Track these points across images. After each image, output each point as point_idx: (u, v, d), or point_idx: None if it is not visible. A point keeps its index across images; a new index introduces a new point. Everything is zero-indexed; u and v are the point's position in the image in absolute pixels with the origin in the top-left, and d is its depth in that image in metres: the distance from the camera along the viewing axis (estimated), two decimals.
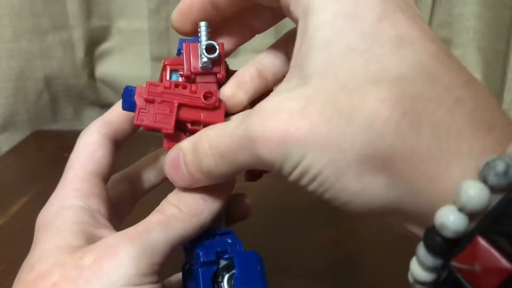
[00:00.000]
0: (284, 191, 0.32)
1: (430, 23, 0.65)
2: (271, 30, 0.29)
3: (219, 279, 0.24)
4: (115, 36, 0.70)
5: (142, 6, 0.66)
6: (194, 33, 0.27)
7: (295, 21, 0.21)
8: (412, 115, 0.17)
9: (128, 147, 0.29)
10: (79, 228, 0.23)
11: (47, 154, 0.63)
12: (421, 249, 0.17)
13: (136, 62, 0.69)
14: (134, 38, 0.69)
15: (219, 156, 0.21)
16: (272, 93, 0.21)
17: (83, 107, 0.73)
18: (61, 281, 0.21)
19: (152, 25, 0.65)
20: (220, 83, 0.26)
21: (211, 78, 0.26)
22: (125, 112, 0.25)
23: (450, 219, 0.16)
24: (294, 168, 0.19)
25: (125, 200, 0.29)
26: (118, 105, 0.27)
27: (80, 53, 0.68)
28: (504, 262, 0.15)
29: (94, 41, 0.69)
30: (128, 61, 0.70)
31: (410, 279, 0.19)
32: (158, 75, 0.29)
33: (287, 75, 0.21)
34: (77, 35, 0.67)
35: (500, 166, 0.15)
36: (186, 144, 0.23)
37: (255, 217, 0.29)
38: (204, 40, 0.26)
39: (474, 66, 0.68)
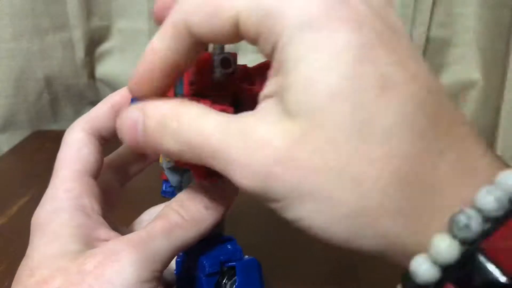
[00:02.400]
0: None
1: (430, 23, 0.65)
2: None
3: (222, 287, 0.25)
4: (115, 36, 0.70)
5: (142, 7, 0.66)
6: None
7: (266, 53, 0.19)
8: (399, 175, 0.17)
9: None
10: (77, 232, 0.23)
11: (47, 154, 0.62)
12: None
13: (136, 62, 0.68)
14: (134, 38, 0.69)
15: (184, 145, 0.19)
16: (257, 112, 0.19)
17: (83, 107, 0.73)
18: (64, 286, 0.21)
19: (152, 25, 0.65)
20: (235, 98, 0.24)
21: (224, 93, 0.24)
22: (109, 108, 0.25)
23: (421, 268, 0.17)
24: (272, 202, 0.18)
25: (112, 190, 0.29)
26: (103, 102, 0.27)
27: (80, 53, 0.68)
28: None
29: (94, 41, 0.69)
30: (128, 61, 0.70)
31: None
32: None
33: (267, 93, 0.19)
34: (77, 35, 0.67)
35: (462, 221, 0.16)
36: (153, 111, 0.21)
37: (255, 220, 0.29)
38: (217, 53, 0.23)
39: (474, 66, 0.68)
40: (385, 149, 0.17)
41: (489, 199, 0.16)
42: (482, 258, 0.16)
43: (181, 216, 0.23)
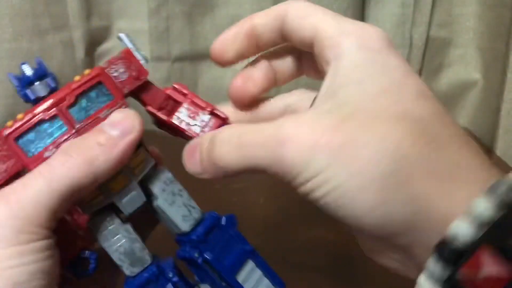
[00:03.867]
0: (283, 191, 0.32)
1: (430, 23, 0.65)
2: None
3: None
4: (115, 36, 0.70)
5: (142, 7, 0.66)
6: (234, 63, 0.27)
7: (325, 63, 0.24)
8: (431, 146, 0.20)
9: None
10: None
11: None
12: (431, 261, 0.19)
13: None
14: (134, 38, 0.69)
15: (236, 146, 0.23)
16: (307, 109, 0.23)
17: None
18: None
19: (152, 25, 0.65)
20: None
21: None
22: None
23: (462, 229, 0.18)
24: (313, 176, 0.20)
25: None
26: None
27: (80, 53, 0.68)
28: (502, 270, 0.17)
29: (95, 41, 0.69)
30: None
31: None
32: (158, 75, 0.29)
33: (318, 101, 0.23)
34: (78, 35, 0.67)
35: (503, 186, 0.18)
36: (208, 134, 0.25)
37: (254, 216, 0.29)
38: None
39: (474, 66, 0.68)
40: (419, 126, 0.20)
41: None
42: None
43: (68, 155, 0.22)
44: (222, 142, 0.23)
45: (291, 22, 0.25)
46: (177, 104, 0.28)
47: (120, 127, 0.23)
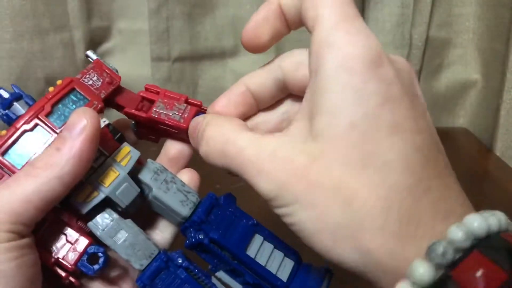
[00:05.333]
0: None
1: (430, 23, 0.65)
2: None
3: None
4: (116, 36, 0.71)
5: (142, 7, 0.66)
6: (269, 47, 0.26)
7: (310, 65, 0.23)
8: (385, 201, 0.20)
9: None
10: None
11: None
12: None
13: (136, 62, 0.69)
14: (134, 38, 0.69)
15: (219, 152, 0.24)
16: (287, 134, 0.23)
17: None
18: None
19: (152, 25, 0.66)
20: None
21: None
22: None
23: None
24: (281, 206, 0.22)
25: None
26: None
27: (80, 53, 0.68)
28: None
29: (95, 41, 0.69)
30: (128, 62, 0.70)
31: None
32: (158, 75, 0.30)
33: (298, 118, 0.23)
34: (78, 36, 0.67)
35: (439, 249, 0.19)
36: (209, 119, 0.26)
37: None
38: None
39: (474, 66, 0.68)
40: (379, 176, 0.20)
41: (458, 233, 0.19)
42: (451, 285, 0.19)
43: (30, 165, 0.23)
44: (208, 141, 0.25)
45: (289, 75, 0.26)
46: (152, 102, 0.29)
47: (72, 126, 0.24)
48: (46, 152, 0.23)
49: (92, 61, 0.29)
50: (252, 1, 0.66)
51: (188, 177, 0.29)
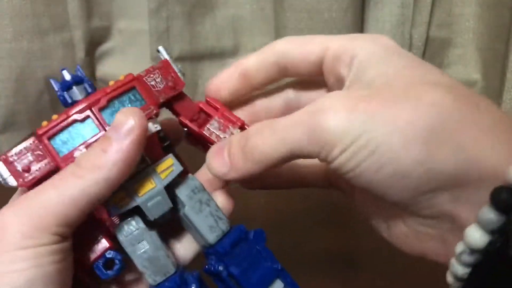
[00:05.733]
0: (284, 192, 0.32)
1: (430, 23, 0.65)
2: (271, 31, 0.30)
3: None
4: (116, 36, 0.70)
5: (142, 7, 0.66)
6: (228, 101, 0.28)
7: (342, 67, 0.25)
8: (471, 105, 0.21)
9: None
10: None
11: None
12: (484, 211, 0.19)
13: (136, 62, 0.69)
14: (134, 38, 0.69)
15: (271, 133, 0.23)
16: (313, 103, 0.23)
17: None
18: None
19: (152, 25, 0.66)
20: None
21: None
22: None
23: None
24: (352, 142, 0.20)
25: None
26: None
27: (80, 53, 0.68)
28: None
29: (95, 41, 0.69)
30: (128, 62, 0.70)
31: (460, 248, 0.20)
32: None
33: (344, 89, 0.24)
34: (78, 36, 0.67)
35: None
36: (236, 135, 0.25)
37: (255, 217, 0.29)
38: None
39: (474, 66, 0.68)
40: (454, 92, 0.21)
41: None
42: None
43: (75, 165, 0.23)
44: (256, 134, 0.23)
45: (293, 53, 0.26)
46: (209, 117, 0.28)
47: (119, 127, 0.23)
48: (92, 153, 0.23)
49: (162, 59, 0.29)
50: (252, 1, 0.66)
51: (223, 199, 0.27)
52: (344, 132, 0.21)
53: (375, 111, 0.20)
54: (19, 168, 0.24)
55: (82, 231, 0.24)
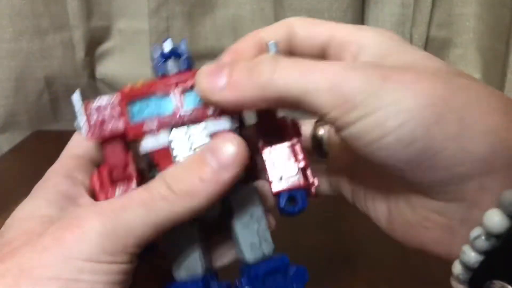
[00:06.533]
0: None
1: (430, 23, 0.65)
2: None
3: None
4: (116, 36, 0.70)
5: (142, 6, 0.66)
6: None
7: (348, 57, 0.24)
8: (496, 93, 0.21)
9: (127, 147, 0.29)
10: (55, 197, 0.22)
11: (47, 154, 0.62)
12: (506, 194, 0.18)
13: (136, 62, 0.69)
14: (134, 38, 0.69)
15: (298, 68, 0.20)
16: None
17: None
18: (22, 246, 0.20)
19: (152, 25, 0.65)
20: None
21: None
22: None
23: None
24: (379, 108, 0.19)
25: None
26: None
27: (80, 53, 0.68)
28: None
29: (95, 41, 0.69)
30: (128, 61, 0.70)
31: (476, 233, 0.19)
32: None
33: None
34: (78, 35, 0.67)
35: None
36: (239, 64, 0.22)
37: None
38: None
39: (474, 66, 0.68)
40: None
41: None
42: None
43: (167, 187, 0.21)
44: (285, 60, 0.21)
45: (301, 32, 0.25)
46: (281, 138, 0.25)
47: (222, 158, 0.21)
48: (188, 178, 0.21)
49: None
50: (252, 1, 0.66)
51: (271, 219, 0.26)
52: (372, 94, 0.19)
53: (409, 82, 0.19)
54: (94, 121, 0.23)
55: None
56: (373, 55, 0.23)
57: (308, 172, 0.24)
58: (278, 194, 0.24)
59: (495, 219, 0.19)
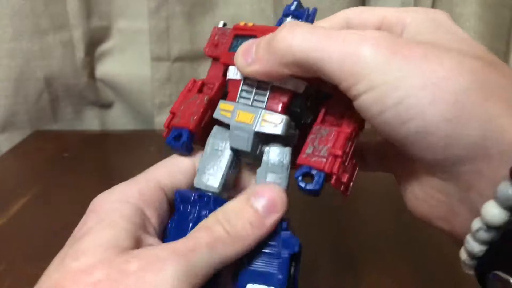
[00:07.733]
0: None
1: None
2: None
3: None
4: (115, 36, 0.70)
5: (142, 6, 0.66)
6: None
7: None
8: (507, 80, 0.20)
9: (127, 147, 0.29)
10: (132, 229, 0.23)
11: (47, 154, 0.63)
12: (503, 186, 0.18)
13: (136, 62, 0.69)
14: (134, 38, 0.69)
15: (312, 36, 0.21)
16: None
17: (83, 107, 0.73)
18: (105, 281, 0.20)
19: (152, 25, 0.65)
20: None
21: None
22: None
23: None
24: (383, 83, 0.20)
25: (165, 212, 0.27)
26: None
27: (80, 53, 0.68)
28: None
29: (94, 41, 0.69)
30: (128, 61, 0.70)
31: (477, 225, 0.20)
32: (158, 75, 0.30)
33: None
34: (77, 35, 0.67)
35: None
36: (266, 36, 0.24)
37: None
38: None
39: None
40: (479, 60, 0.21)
41: None
42: None
43: (225, 230, 0.22)
44: (302, 28, 0.22)
45: (355, 20, 0.27)
46: (340, 124, 0.25)
47: (269, 205, 0.23)
48: (240, 223, 0.23)
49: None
50: (252, 1, 0.66)
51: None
52: (377, 69, 0.20)
53: (415, 60, 0.20)
54: (212, 41, 0.31)
55: None
56: (412, 34, 0.24)
57: (338, 162, 0.23)
58: (299, 166, 0.24)
59: (493, 211, 0.19)
